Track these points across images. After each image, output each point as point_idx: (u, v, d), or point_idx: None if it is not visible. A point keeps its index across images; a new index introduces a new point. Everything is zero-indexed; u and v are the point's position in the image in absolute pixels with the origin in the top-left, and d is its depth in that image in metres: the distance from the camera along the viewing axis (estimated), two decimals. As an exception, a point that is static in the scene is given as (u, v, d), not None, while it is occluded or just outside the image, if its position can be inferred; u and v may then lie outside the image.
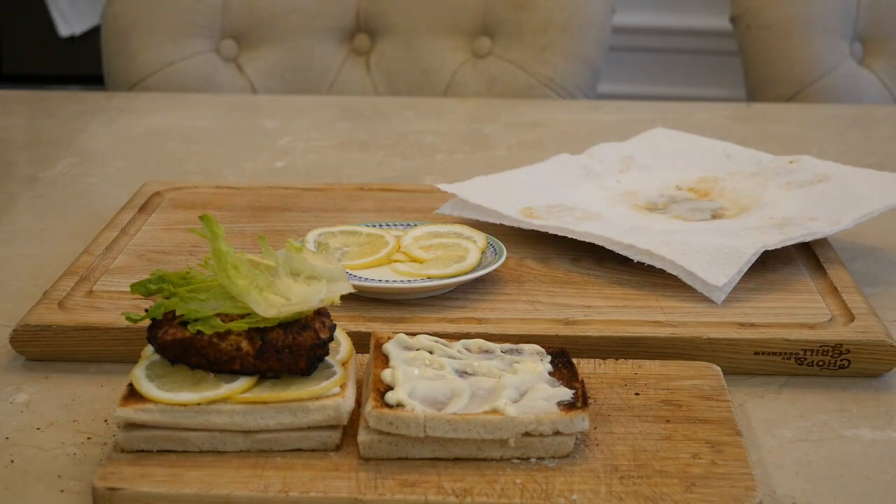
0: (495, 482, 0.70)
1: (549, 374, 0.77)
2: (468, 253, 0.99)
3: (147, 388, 0.73)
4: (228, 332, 0.73)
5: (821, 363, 0.88)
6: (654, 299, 0.95)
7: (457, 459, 0.72)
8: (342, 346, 0.79)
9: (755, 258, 0.98)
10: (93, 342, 0.89)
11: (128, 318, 0.76)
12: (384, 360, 0.78)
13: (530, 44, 1.84)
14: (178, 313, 0.73)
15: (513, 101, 1.75)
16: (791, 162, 1.19)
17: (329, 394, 0.73)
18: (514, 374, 0.76)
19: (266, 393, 0.73)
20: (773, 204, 1.11)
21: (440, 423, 0.71)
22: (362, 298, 0.93)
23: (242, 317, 0.74)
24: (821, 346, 0.88)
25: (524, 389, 0.75)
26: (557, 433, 0.72)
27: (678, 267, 0.96)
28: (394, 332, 0.81)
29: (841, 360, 0.88)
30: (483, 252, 1.00)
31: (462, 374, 0.77)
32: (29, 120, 1.60)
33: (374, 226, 1.05)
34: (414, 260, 0.99)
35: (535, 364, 0.78)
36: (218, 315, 0.73)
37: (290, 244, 0.76)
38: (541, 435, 0.72)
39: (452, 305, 0.94)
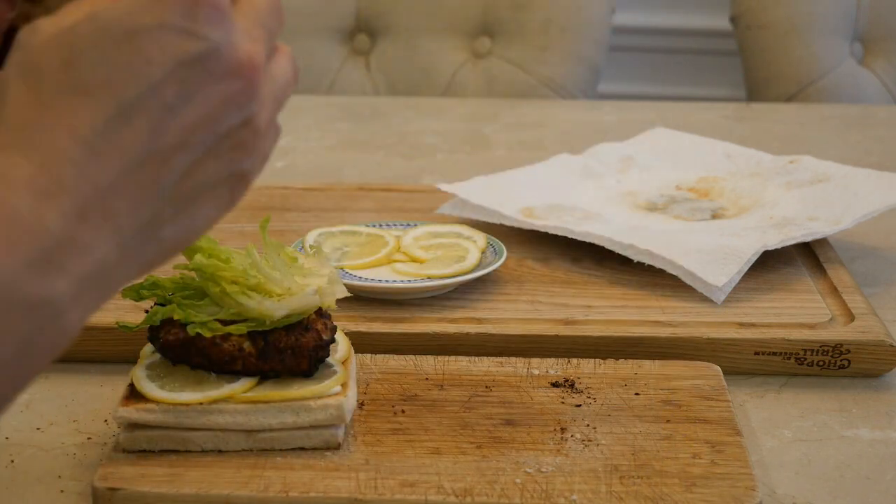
0: (495, 482, 0.70)
1: None
2: (468, 253, 0.99)
3: (149, 388, 0.73)
4: (229, 334, 0.73)
5: (821, 363, 0.88)
6: (654, 299, 0.95)
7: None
8: (340, 345, 0.79)
9: (755, 258, 0.98)
10: (93, 342, 0.89)
11: (122, 328, 0.76)
12: None
13: (530, 44, 1.84)
14: (174, 318, 0.72)
15: (513, 101, 1.75)
16: (791, 162, 1.19)
17: (330, 392, 0.74)
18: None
19: (268, 392, 0.73)
20: (773, 204, 1.11)
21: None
22: (362, 298, 0.93)
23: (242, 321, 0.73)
24: (821, 346, 0.88)
25: None
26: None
27: (678, 267, 0.96)
28: None
29: (841, 360, 0.88)
30: (483, 252, 1.00)
31: None
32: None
33: (374, 226, 1.05)
34: (414, 260, 0.99)
35: None
36: (216, 320, 0.73)
37: (286, 253, 0.76)
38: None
39: (452, 305, 0.94)
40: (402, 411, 0.78)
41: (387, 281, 0.95)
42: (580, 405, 0.79)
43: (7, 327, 0.45)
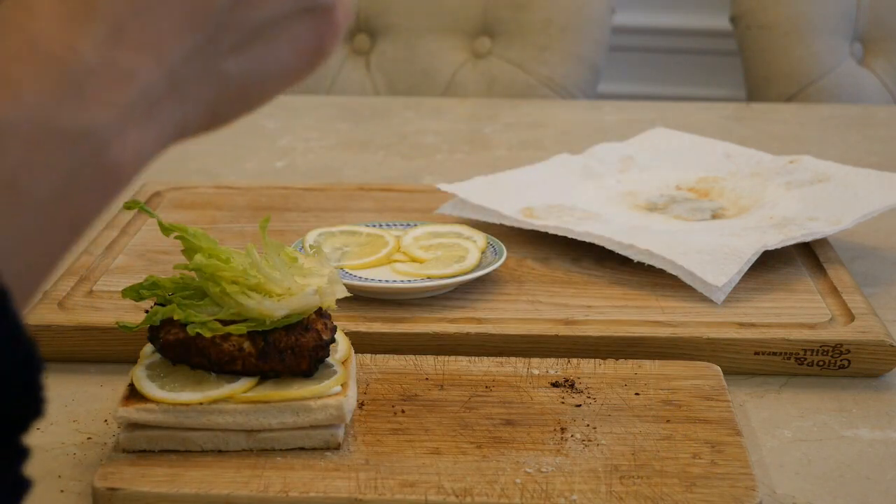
0: (495, 482, 0.70)
1: None
2: (468, 253, 0.99)
3: (149, 388, 0.73)
4: (229, 334, 0.73)
5: (821, 363, 0.88)
6: (654, 299, 0.95)
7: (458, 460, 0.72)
8: (340, 345, 0.79)
9: (755, 258, 0.98)
10: (93, 342, 0.89)
11: (122, 328, 0.76)
12: None
13: (530, 44, 1.84)
14: (174, 318, 0.73)
15: (513, 101, 1.75)
16: (791, 162, 1.19)
17: (330, 392, 0.74)
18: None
19: (268, 392, 0.73)
20: (773, 204, 1.11)
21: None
22: (362, 298, 0.93)
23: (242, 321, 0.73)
24: (821, 346, 0.88)
25: None
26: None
27: (678, 267, 0.96)
28: None
29: (841, 360, 0.88)
30: (483, 252, 1.00)
31: None
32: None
33: (374, 226, 1.05)
34: (414, 260, 0.99)
35: None
36: (216, 320, 0.73)
37: (286, 253, 0.76)
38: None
39: (452, 305, 0.94)
40: (402, 411, 0.78)
41: (387, 281, 0.95)
42: (580, 405, 0.79)
43: (43, 162, 0.40)
